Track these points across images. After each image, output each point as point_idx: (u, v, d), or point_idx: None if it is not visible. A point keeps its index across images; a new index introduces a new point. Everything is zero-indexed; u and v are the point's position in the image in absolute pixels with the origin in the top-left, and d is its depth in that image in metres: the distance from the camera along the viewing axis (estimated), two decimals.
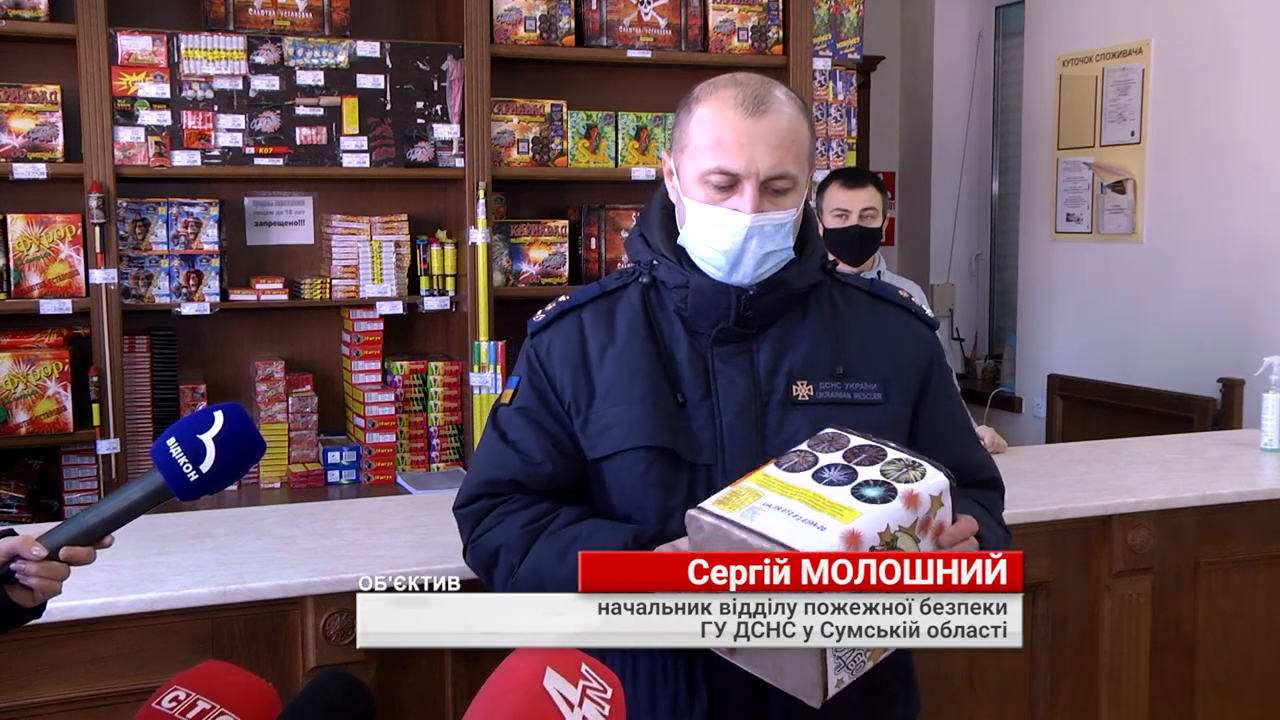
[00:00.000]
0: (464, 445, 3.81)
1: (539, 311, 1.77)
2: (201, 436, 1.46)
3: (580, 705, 1.21)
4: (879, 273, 3.42)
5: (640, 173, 3.97)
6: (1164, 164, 5.01)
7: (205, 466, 1.46)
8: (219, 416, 1.48)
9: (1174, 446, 3.29)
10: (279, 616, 2.15)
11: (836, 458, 1.48)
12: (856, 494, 1.46)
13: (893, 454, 1.49)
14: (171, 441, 1.46)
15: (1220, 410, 4.54)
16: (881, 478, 1.47)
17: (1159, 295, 5.04)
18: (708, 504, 1.49)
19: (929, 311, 1.81)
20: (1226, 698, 2.90)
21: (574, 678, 1.23)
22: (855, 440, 1.51)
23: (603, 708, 1.23)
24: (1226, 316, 4.74)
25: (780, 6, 4.08)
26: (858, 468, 1.47)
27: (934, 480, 1.47)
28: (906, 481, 1.46)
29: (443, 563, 2.22)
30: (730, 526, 1.45)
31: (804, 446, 1.50)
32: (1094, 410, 5.13)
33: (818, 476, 1.46)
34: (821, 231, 2.64)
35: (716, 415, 1.64)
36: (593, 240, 4.01)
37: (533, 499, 1.68)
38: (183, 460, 1.45)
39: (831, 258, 1.76)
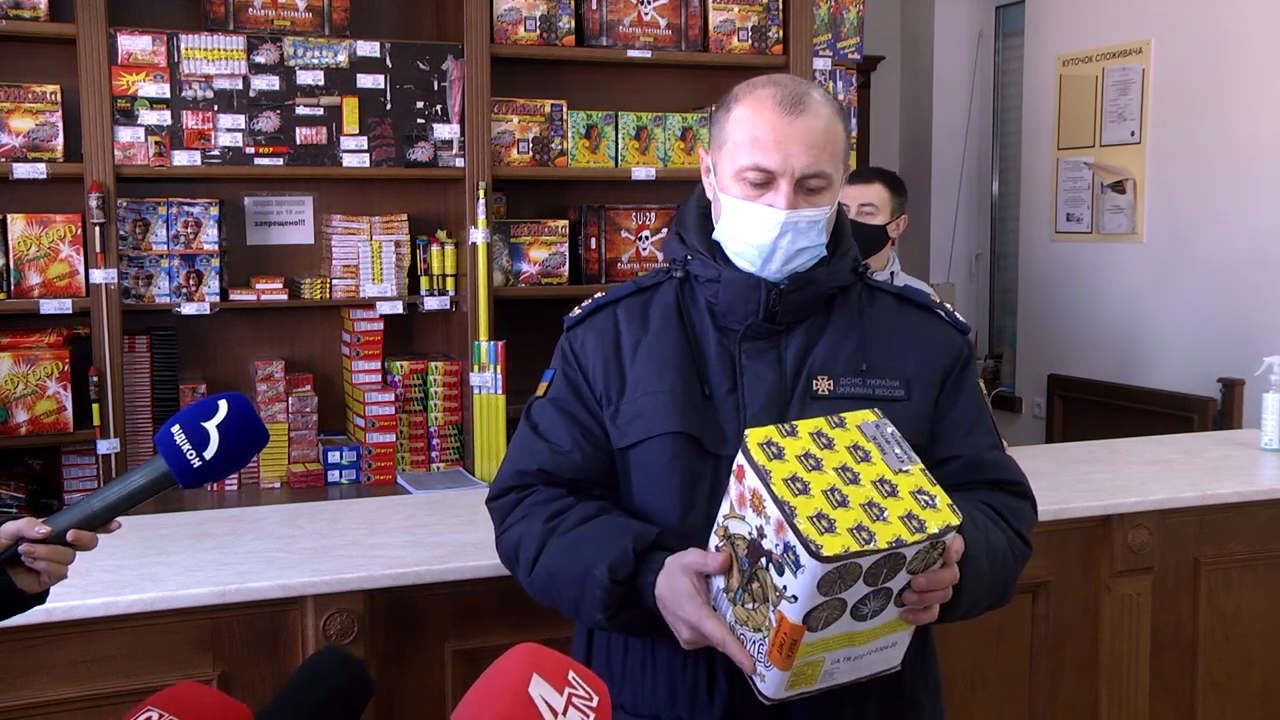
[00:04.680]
0: (464, 445, 3.81)
1: (575, 307, 1.81)
2: (205, 424, 1.47)
3: (565, 713, 1.20)
4: (892, 273, 3.41)
5: (640, 173, 3.96)
6: (1164, 164, 5.02)
7: (209, 454, 1.46)
8: (223, 405, 1.48)
9: (1174, 446, 3.29)
10: (279, 616, 2.15)
11: (863, 589, 1.41)
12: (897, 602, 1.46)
13: (910, 550, 1.41)
14: (176, 428, 1.47)
15: (1220, 410, 4.54)
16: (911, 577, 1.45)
17: (1159, 295, 5.04)
18: (775, 693, 1.47)
19: (960, 317, 1.81)
20: (1226, 698, 2.90)
21: (560, 684, 1.22)
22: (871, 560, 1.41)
23: (588, 715, 1.22)
24: (1226, 316, 4.74)
25: (780, 6, 4.07)
26: (886, 585, 1.43)
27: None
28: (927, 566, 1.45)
29: (442, 563, 2.23)
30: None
31: (823, 598, 1.39)
32: (1094, 410, 5.14)
33: (856, 614, 1.43)
34: None
35: (741, 409, 1.66)
36: (593, 240, 4.01)
37: (557, 491, 1.70)
38: (186, 447, 1.46)
39: (865, 262, 1.78)
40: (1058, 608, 2.72)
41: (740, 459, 1.45)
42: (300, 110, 3.56)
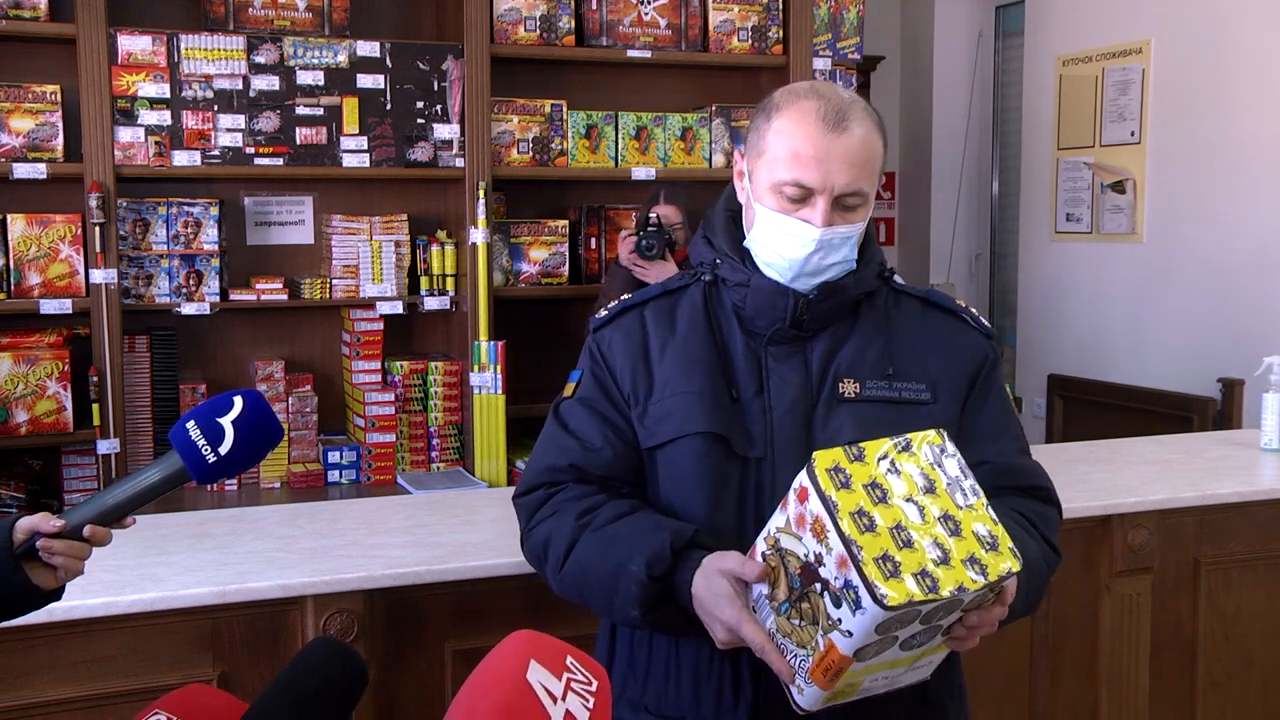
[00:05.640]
0: (464, 445, 3.81)
1: (602, 309, 1.80)
2: (220, 420, 1.46)
3: (564, 698, 1.19)
4: None
5: (640, 173, 3.96)
6: (1164, 164, 5.02)
7: (224, 449, 1.46)
8: (238, 401, 1.48)
9: (1174, 446, 3.29)
10: (279, 616, 2.15)
11: (916, 627, 1.41)
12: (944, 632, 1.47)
13: (970, 595, 1.40)
14: (190, 424, 1.46)
15: (1220, 410, 4.53)
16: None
17: (1159, 295, 5.04)
18: (811, 706, 1.48)
19: (985, 321, 1.81)
20: (1226, 698, 2.90)
21: (558, 670, 1.22)
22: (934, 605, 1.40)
23: (587, 700, 1.21)
24: (1226, 316, 4.74)
25: (780, 6, 4.08)
26: (939, 623, 1.43)
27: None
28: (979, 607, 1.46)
29: (442, 563, 2.23)
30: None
31: (878, 637, 1.38)
32: (1094, 410, 5.14)
33: (904, 646, 1.43)
34: None
35: (768, 411, 1.66)
36: (593, 240, 4.01)
37: (588, 489, 1.70)
38: (201, 443, 1.45)
39: (890, 266, 1.78)
40: (1058, 608, 2.71)
41: (804, 480, 1.42)
42: (300, 110, 3.56)
